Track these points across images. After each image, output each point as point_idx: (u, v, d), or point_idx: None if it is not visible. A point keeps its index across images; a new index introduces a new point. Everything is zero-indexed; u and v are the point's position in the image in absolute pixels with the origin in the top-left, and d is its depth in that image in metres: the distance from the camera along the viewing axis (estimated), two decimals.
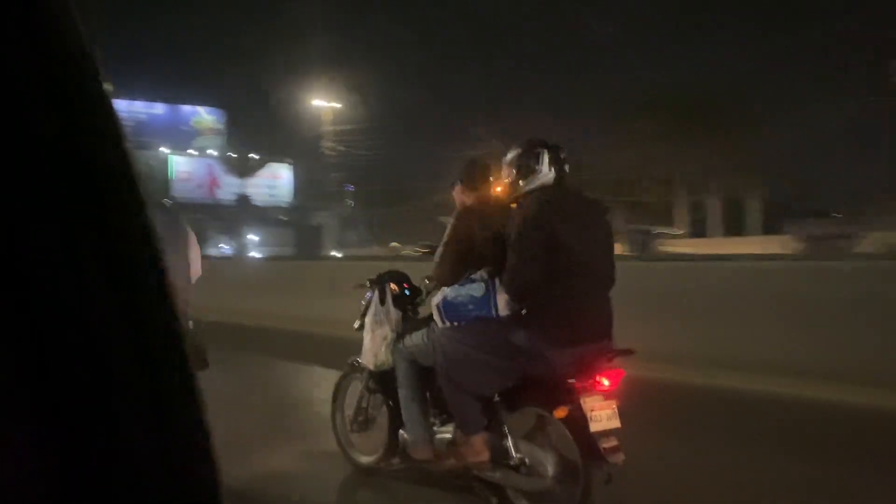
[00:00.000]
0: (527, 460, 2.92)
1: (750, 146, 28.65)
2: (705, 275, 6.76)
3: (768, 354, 5.49)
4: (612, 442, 2.73)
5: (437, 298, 3.13)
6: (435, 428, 3.25)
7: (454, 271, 3.09)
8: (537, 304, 2.83)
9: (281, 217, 50.43)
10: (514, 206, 3.02)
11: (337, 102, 39.98)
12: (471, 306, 2.97)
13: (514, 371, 2.91)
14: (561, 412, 2.78)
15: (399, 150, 36.72)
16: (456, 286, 3.05)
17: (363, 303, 3.64)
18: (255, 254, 35.17)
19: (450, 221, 3.21)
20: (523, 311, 2.85)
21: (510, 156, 3.06)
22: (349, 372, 3.77)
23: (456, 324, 3.04)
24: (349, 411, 3.72)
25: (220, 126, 54.07)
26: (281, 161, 51.34)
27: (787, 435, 4.26)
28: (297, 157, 50.34)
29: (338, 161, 41.72)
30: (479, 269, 3.04)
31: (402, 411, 3.29)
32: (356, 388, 3.72)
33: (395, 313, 3.48)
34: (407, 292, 3.58)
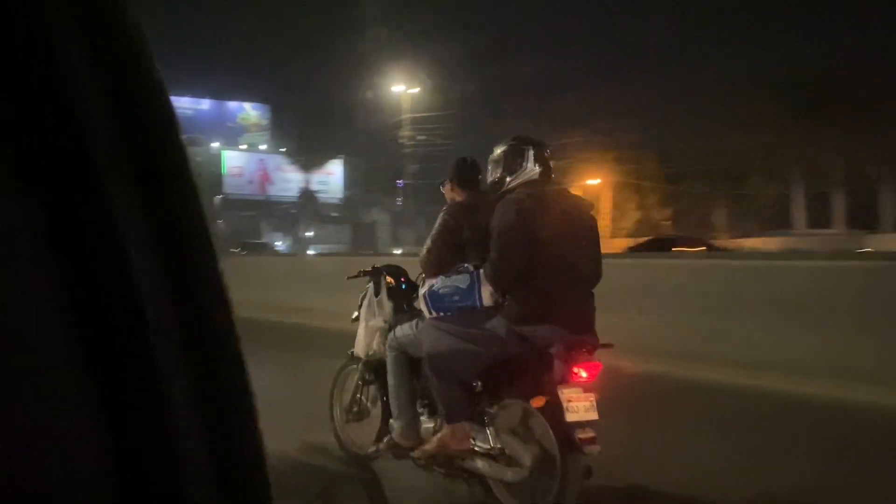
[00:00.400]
0: (506, 450, 2.94)
1: (885, 133, 25.93)
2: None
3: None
4: (589, 433, 2.74)
5: (423, 289, 3.20)
6: (422, 417, 3.31)
7: (441, 263, 3.18)
8: (517, 294, 2.87)
9: (333, 214, 50.20)
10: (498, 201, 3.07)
11: (396, 93, 36.73)
12: (456, 297, 3.04)
13: (495, 360, 2.96)
14: (538, 402, 2.80)
15: (461, 141, 32.81)
16: (442, 277, 3.12)
17: (361, 295, 3.72)
18: (311, 251, 34.66)
19: (440, 216, 3.31)
20: (504, 302, 2.89)
21: (496, 152, 3.11)
22: (347, 363, 3.84)
23: (442, 314, 3.10)
24: (346, 402, 3.79)
25: (266, 122, 53.25)
26: (333, 157, 50.78)
27: None
28: (350, 151, 49.69)
29: (392, 155, 39.79)
30: (467, 261, 3.10)
31: (391, 400, 3.36)
32: (352, 378, 3.80)
33: (388, 305, 3.56)
34: (403, 286, 3.65)
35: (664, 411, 4.65)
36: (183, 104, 48.09)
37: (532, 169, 3.02)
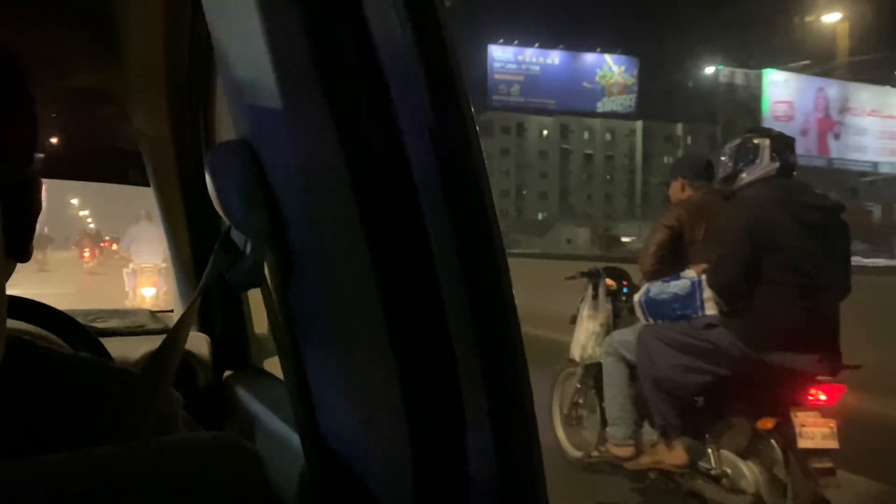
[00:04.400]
0: (729, 473, 2.73)
1: None
2: None
3: None
4: (826, 463, 2.44)
5: (640, 295, 3.08)
6: (638, 427, 3.19)
7: (660, 267, 3.03)
8: (743, 305, 2.65)
9: None
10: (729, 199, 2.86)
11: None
12: (675, 304, 2.89)
13: (717, 375, 2.74)
14: (766, 423, 2.56)
15: None
16: (660, 282, 2.98)
17: (581, 297, 3.68)
18: None
19: (663, 215, 3.18)
20: (729, 312, 2.69)
21: (728, 146, 2.91)
22: (565, 366, 3.81)
23: (658, 321, 2.97)
24: (564, 405, 3.78)
25: (632, 80, 42.61)
26: None
27: None
28: None
29: None
30: (691, 266, 2.94)
31: (606, 407, 3.27)
32: (572, 382, 3.77)
33: (606, 308, 3.49)
34: (626, 290, 3.55)
35: None
36: (526, 57, 41.25)
37: (768, 164, 2.76)
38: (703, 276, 2.80)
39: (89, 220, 59.33)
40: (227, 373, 1.43)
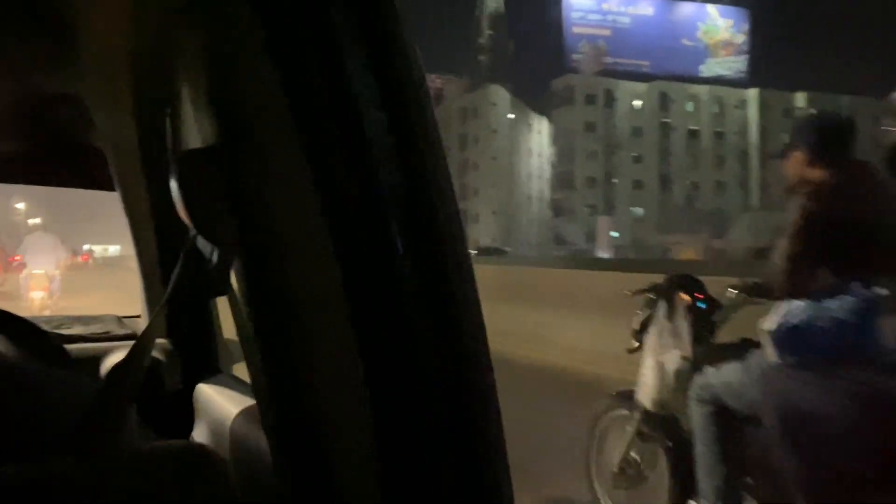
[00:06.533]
0: None
1: None
2: None
3: None
4: None
5: (772, 320, 2.24)
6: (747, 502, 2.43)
7: (803, 278, 2.19)
8: None
9: None
10: None
11: None
12: (831, 334, 2.10)
13: None
14: None
15: None
16: (805, 302, 2.16)
17: (639, 314, 2.90)
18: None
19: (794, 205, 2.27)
20: None
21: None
22: (609, 407, 3.10)
23: (802, 360, 2.16)
24: (612, 459, 3.02)
25: (742, 37, 32.07)
26: None
27: None
28: None
29: None
30: (846, 274, 2.13)
31: (699, 472, 2.49)
32: (621, 429, 3.03)
33: (687, 333, 2.64)
34: (701, 305, 2.70)
35: None
36: (612, 6, 30.83)
37: None
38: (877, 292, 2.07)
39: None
40: (196, 379, 1.39)
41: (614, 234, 50.08)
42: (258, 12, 0.49)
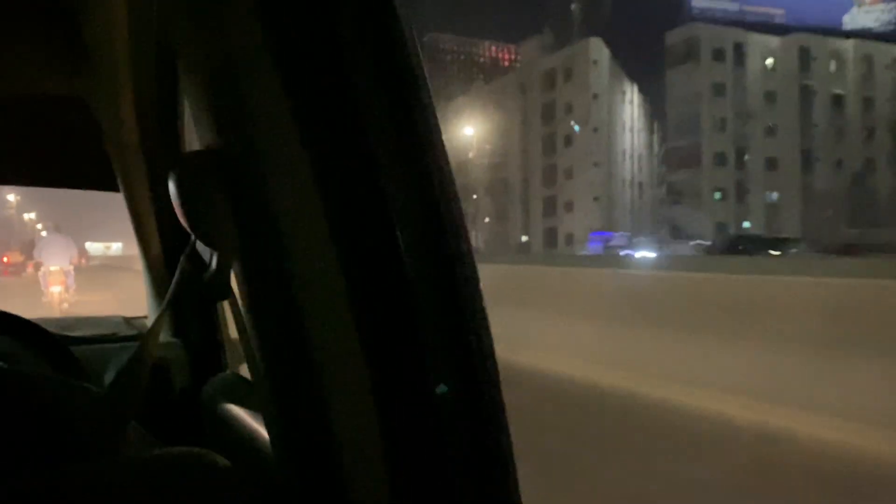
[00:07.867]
0: None
1: None
2: None
3: None
4: None
5: None
6: None
7: None
8: None
9: None
10: None
11: None
12: None
13: None
14: None
15: None
16: None
17: None
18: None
19: None
20: None
21: None
22: None
23: None
24: None
25: None
26: None
27: None
28: None
29: None
30: None
31: None
32: None
33: None
34: None
35: None
36: None
37: None
38: None
39: (38, 225, 52.65)
40: (204, 379, 1.40)
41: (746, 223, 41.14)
42: (258, 12, 0.49)
